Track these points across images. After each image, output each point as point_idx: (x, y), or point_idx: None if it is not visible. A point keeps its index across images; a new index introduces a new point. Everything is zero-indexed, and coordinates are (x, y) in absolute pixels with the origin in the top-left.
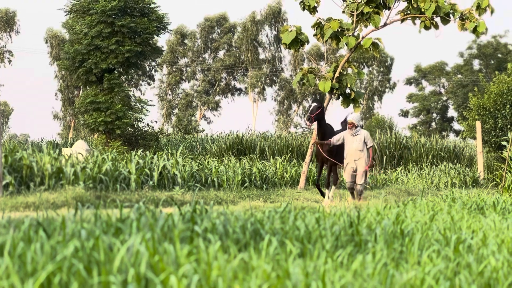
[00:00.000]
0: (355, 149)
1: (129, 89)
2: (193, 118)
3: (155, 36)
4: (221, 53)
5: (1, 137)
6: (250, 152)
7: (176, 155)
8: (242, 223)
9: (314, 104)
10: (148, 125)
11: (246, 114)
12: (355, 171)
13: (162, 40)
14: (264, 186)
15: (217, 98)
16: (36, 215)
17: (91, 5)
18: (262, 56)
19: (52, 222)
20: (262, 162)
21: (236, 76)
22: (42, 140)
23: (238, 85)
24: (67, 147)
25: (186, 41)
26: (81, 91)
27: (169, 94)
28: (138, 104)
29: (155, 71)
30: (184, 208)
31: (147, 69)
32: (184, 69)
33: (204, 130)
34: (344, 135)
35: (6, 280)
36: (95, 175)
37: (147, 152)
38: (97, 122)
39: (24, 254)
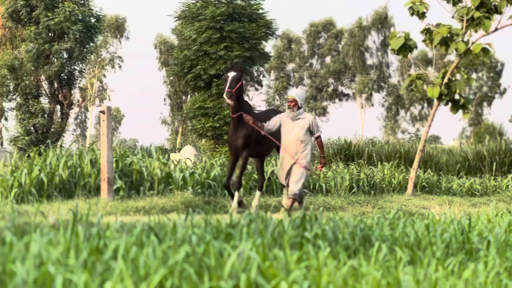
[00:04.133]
0: (295, 139)
1: None
2: None
3: (263, 42)
4: (327, 59)
5: (112, 142)
6: (358, 157)
7: None
8: (352, 229)
9: (232, 73)
10: None
11: (353, 119)
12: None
13: (268, 45)
14: (372, 192)
15: (324, 103)
16: (146, 219)
17: (200, 11)
18: (369, 61)
19: (163, 227)
20: (370, 168)
21: (343, 82)
22: (150, 145)
23: (345, 91)
24: (175, 152)
25: (292, 46)
26: (189, 96)
27: (277, 100)
28: None
29: (263, 76)
30: (294, 214)
31: (255, 74)
32: (292, 75)
33: None
34: (282, 118)
35: (120, 283)
36: (204, 180)
37: None
38: (205, 127)
39: (136, 258)
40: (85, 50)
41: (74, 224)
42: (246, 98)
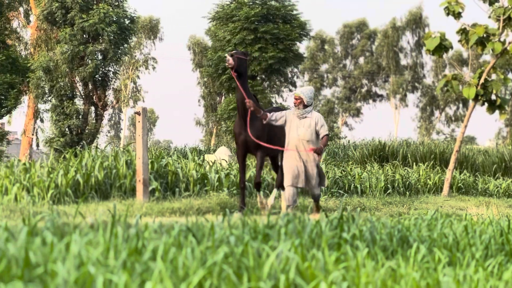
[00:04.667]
0: (301, 139)
1: (271, 95)
2: (335, 124)
3: (297, 43)
4: (361, 60)
5: (147, 143)
6: (393, 158)
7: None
8: (389, 230)
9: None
10: None
11: (387, 120)
12: (298, 171)
13: (302, 46)
14: (407, 193)
15: (358, 104)
16: (182, 220)
17: (234, 12)
18: (403, 62)
19: (201, 228)
20: (405, 169)
21: (377, 82)
22: (185, 146)
23: (379, 92)
24: (210, 153)
25: (325, 47)
26: (223, 97)
27: None
28: None
29: (297, 77)
30: (331, 215)
31: (289, 75)
32: (325, 76)
33: (346, 137)
34: (288, 115)
35: (160, 284)
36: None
37: None
38: None
39: (175, 259)
40: (119, 51)
41: (113, 225)
42: (280, 99)
